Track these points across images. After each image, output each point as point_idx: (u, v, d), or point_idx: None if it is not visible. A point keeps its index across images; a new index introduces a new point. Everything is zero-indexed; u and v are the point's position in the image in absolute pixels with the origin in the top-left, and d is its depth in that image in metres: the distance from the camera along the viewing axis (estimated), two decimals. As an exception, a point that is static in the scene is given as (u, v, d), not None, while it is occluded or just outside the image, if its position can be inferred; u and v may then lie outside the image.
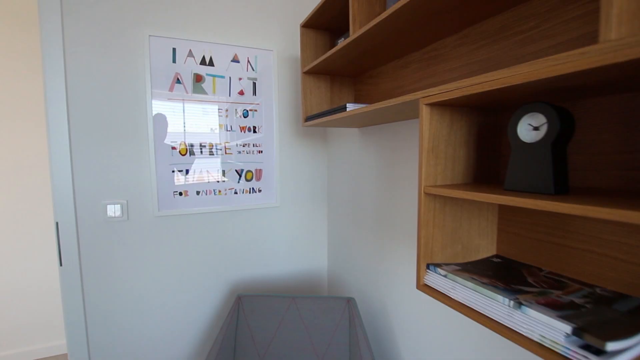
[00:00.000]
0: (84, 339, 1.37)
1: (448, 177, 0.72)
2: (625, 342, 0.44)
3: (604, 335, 0.44)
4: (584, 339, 0.45)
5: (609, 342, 0.43)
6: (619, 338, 0.44)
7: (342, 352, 1.30)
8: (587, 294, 0.59)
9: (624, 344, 0.43)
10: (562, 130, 0.51)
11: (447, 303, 0.65)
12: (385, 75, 1.19)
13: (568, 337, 0.46)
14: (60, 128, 1.29)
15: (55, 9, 1.26)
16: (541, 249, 0.71)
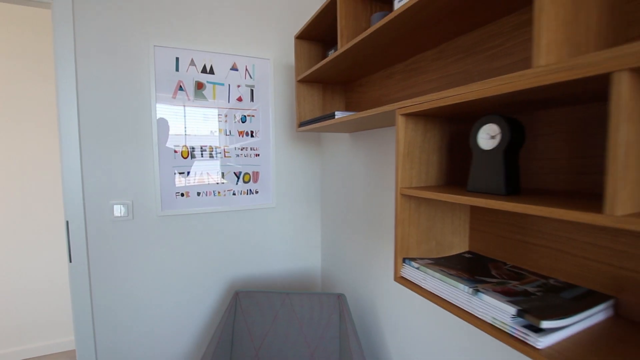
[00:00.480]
0: (91, 332, 1.44)
1: (422, 180, 0.80)
2: (559, 321, 0.51)
3: (542, 315, 0.52)
4: (525, 318, 0.52)
5: (543, 321, 0.50)
6: (554, 318, 0.51)
7: (332, 345, 1.37)
8: (541, 284, 0.66)
9: (557, 323, 0.51)
10: (512, 139, 0.59)
11: (419, 292, 0.72)
12: (373, 84, 1.27)
13: (514, 318, 0.54)
14: (71, 132, 1.37)
15: (67, 20, 1.35)
16: (506, 245, 0.78)
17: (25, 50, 2.15)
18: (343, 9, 1.01)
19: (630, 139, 0.39)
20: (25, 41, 2.15)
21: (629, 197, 0.40)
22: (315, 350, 1.37)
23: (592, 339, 0.52)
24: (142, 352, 1.53)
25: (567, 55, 0.49)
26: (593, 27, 0.52)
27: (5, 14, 2.12)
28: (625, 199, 0.39)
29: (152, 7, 1.45)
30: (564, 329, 0.52)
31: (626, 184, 0.39)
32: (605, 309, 0.59)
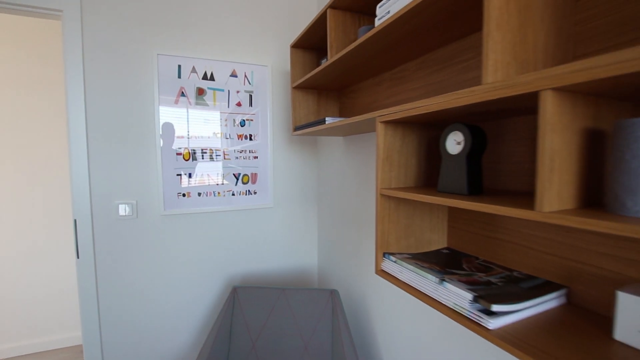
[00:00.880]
0: (97, 324, 1.53)
1: (401, 181, 0.87)
2: (508, 306, 0.58)
3: (494, 301, 0.59)
4: (480, 303, 0.59)
5: (494, 305, 0.57)
6: (505, 303, 0.58)
7: (325, 337, 1.44)
8: (505, 276, 0.73)
9: (507, 307, 0.58)
10: (474, 145, 0.66)
11: (396, 283, 0.80)
12: (364, 91, 1.34)
13: (471, 303, 0.61)
14: (79, 136, 1.46)
15: (76, 30, 1.43)
16: (479, 242, 0.85)
17: (38, 59, 2.25)
18: (332, 22, 1.09)
19: (554, 147, 0.46)
20: (38, 51, 2.25)
21: (556, 196, 0.47)
22: (309, 343, 1.44)
23: (541, 323, 0.59)
24: (145, 343, 1.61)
25: (515, 73, 0.56)
26: (540, 47, 0.59)
27: (18, 24, 2.22)
28: (552, 198, 0.46)
29: (155, 17, 1.54)
30: (515, 313, 0.59)
31: (552, 185, 0.46)
32: (558, 297, 0.66)
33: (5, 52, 2.22)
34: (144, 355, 1.61)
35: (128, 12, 1.50)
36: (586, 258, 0.63)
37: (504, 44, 0.54)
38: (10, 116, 2.27)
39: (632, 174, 0.42)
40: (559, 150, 0.46)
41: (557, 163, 0.46)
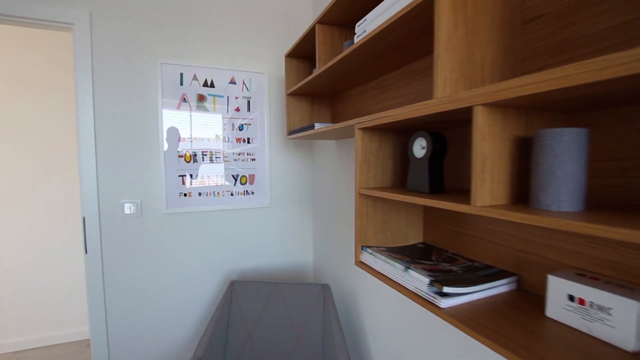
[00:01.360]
0: (103, 316, 1.63)
1: (378, 182, 0.96)
2: (458, 289, 0.67)
3: (446, 284, 0.68)
4: (434, 286, 0.69)
5: (445, 287, 0.66)
6: (455, 286, 0.67)
7: (316, 329, 1.53)
8: (467, 265, 0.82)
9: (457, 290, 0.67)
10: (435, 150, 0.76)
11: (371, 273, 0.89)
12: (353, 98, 1.44)
13: (428, 287, 0.70)
14: (88, 139, 1.57)
15: (86, 41, 1.55)
16: (449, 236, 0.94)
17: (52, 65, 2.38)
18: (320, 36, 1.19)
19: (485, 152, 0.55)
20: (52, 58, 2.38)
21: (488, 193, 0.56)
22: (301, 333, 1.54)
23: (489, 304, 0.68)
24: (149, 333, 1.71)
25: (463, 89, 0.65)
26: (488, 66, 0.68)
27: (35, 32, 2.35)
28: (484, 195, 0.56)
29: (159, 29, 1.65)
30: (465, 295, 0.69)
31: (484, 184, 0.56)
32: (508, 283, 0.75)
33: (23, 59, 2.35)
34: (148, 344, 1.71)
35: (133, 24, 1.61)
36: (534, 249, 0.72)
37: (452, 64, 0.64)
38: (23, 119, 2.40)
39: (542, 174, 0.51)
40: (490, 155, 0.56)
41: (489, 166, 0.56)
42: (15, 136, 2.39)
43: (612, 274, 0.58)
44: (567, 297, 0.58)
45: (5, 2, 1.42)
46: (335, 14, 1.14)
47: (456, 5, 0.63)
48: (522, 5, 0.71)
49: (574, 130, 0.49)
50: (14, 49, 2.35)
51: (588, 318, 0.55)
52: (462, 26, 0.64)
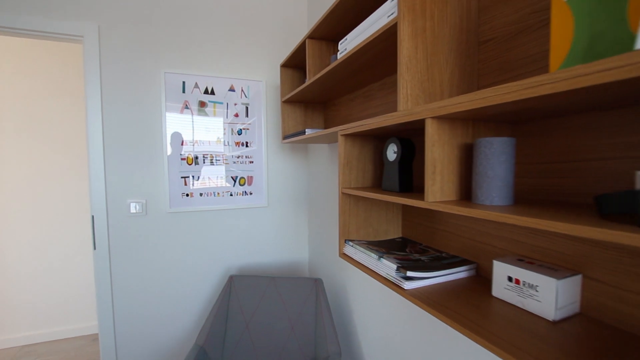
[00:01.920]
0: (110, 308, 1.75)
1: (360, 182, 1.08)
2: (420, 273, 0.78)
3: (410, 269, 0.79)
4: (400, 271, 0.80)
5: (408, 272, 0.78)
6: (418, 271, 0.79)
7: (310, 319, 1.65)
8: (435, 256, 0.93)
9: (418, 274, 0.78)
10: (404, 154, 0.87)
11: (352, 263, 1.00)
12: (343, 105, 1.56)
13: (396, 272, 0.81)
14: (96, 143, 1.69)
15: (95, 52, 1.67)
16: (423, 231, 1.06)
17: (62, 78, 2.51)
18: (310, 50, 1.31)
19: (435, 157, 0.66)
20: (63, 67, 2.51)
21: (438, 191, 0.67)
22: (295, 324, 1.65)
23: (449, 287, 0.79)
24: (153, 325, 1.83)
25: (423, 103, 0.77)
26: (446, 82, 0.80)
27: (46, 44, 2.49)
28: (435, 192, 0.67)
29: (162, 41, 1.77)
30: (426, 279, 0.80)
31: (435, 183, 0.67)
32: (468, 270, 0.86)
33: (38, 64, 2.49)
34: (153, 334, 1.83)
35: (139, 36, 1.73)
36: (488, 240, 0.83)
37: (413, 82, 0.75)
38: (37, 123, 2.54)
39: (479, 175, 0.62)
40: (439, 159, 0.67)
41: (438, 168, 0.67)
42: (30, 138, 2.52)
43: (545, 259, 0.69)
44: (507, 279, 0.69)
45: (22, 18, 1.54)
46: (323, 31, 1.26)
47: (416, 31, 0.75)
48: (477, 29, 0.83)
49: (501, 139, 0.60)
50: (31, 55, 2.48)
51: (522, 295, 0.66)
52: (421, 49, 0.76)
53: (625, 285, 0.57)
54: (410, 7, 0.74)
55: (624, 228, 0.40)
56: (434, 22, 0.77)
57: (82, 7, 1.63)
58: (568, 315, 0.62)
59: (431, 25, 0.76)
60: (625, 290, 0.57)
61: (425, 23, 0.76)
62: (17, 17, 1.53)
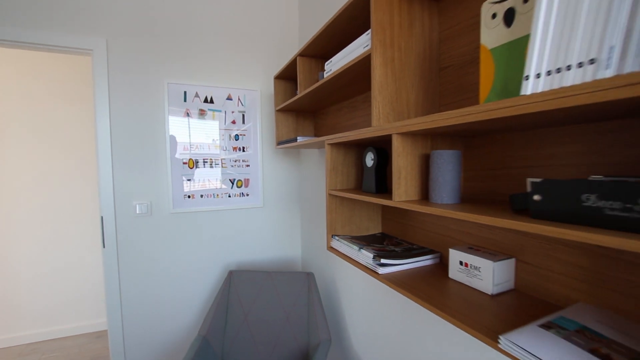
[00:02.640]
0: (118, 302, 1.88)
1: (344, 185, 1.24)
2: (391, 260, 0.94)
3: (384, 257, 0.95)
4: (376, 260, 0.96)
5: (382, 259, 0.94)
6: (390, 259, 0.95)
7: (302, 310, 1.80)
8: (407, 247, 1.10)
9: (390, 261, 0.94)
10: (379, 161, 1.03)
11: (338, 254, 1.16)
12: (331, 114, 1.72)
13: (373, 260, 0.97)
14: (105, 148, 1.83)
15: (103, 64, 1.81)
16: (399, 227, 1.22)
17: (71, 86, 2.64)
18: (301, 66, 1.46)
19: (400, 165, 0.82)
20: (72, 79, 2.64)
21: (403, 192, 0.83)
22: (290, 314, 1.80)
23: (416, 272, 0.96)
24: (159, 317, 1.97)
25: (393, 120, 0.93)
26: (412, 103, 0.96)
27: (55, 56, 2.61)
28: (401, 193, 0.83)
29: (166, 53, 1.91)
30: (397, 265, 0.96)
31: (400, 186, 0.83)
32: (433, 258, 1.02)
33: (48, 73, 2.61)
34: (158, 326, 1.97)
35: (144, 49, 1.87)
36: (450, 233, 0.99)
37: (384, 102, 0.91)
38: (50, 129, 2.66)
39: (433, 179, 0.78)
40: (404, 167, 0.83)
41: (403, 174, 0.83)
42: (40, 142, 2.64)
43: (489, 246, 0.86)
44: (459, 263, 0.86)
45: (37, 33, 1.68)
46: (312, 50, 1.41)
47: (386, 61, 0.91)
48: (438, 58, 0.99)
49: (449, 151, 0.76)
50: (42, 63, 2.61)
51: (469, 275, 0.83)
52: (391, 75, 0.92)
53: (546, 265, 0.74)
54: (381, 41, 0.90)
55: (521, 219, 0.56)
56: (402, 52, 0.93)
57: (92, 23, 1.77)
58: (504, 290, 0.79)
59: (399, 55, 0.93)
60: (546, 270, 0.74)
61: (394, 53, 0.92)
62: (34, 33, 1.67)
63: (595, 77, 0.42)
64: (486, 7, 0.65)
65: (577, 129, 0.66)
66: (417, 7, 0.95)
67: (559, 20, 0.46)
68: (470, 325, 0.65)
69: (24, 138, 2.64)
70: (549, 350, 0.52)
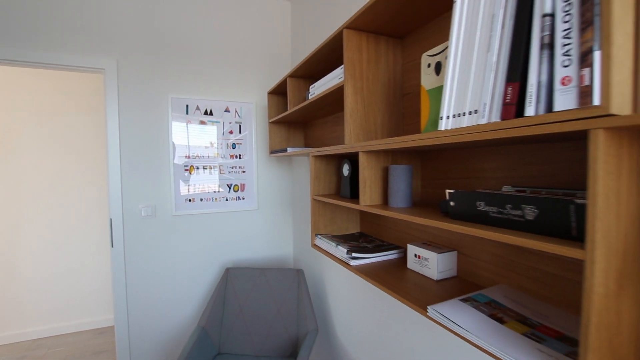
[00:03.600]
0: (124, 296, 2.06)
1: (326, 190, 1.43)
2: (362, 254, 1.14)
3: (354, 252, 1.14)
4: (349, 254, 1.15)
5: (354, 253, 1.13)
6: (360, 253, 1.14)
7: (292, 303, 1.99)
8: (378, 244, 1.29)
9: (360, 255, 1.14)
10: (353, 171, 1.23)
11: (320, 251, 1.35)
12: (318, 127, 1.91)
13: (347, 254, 1.16)
14: (114, 157, 2.01)
15: (114, 81, 2.00)
16: (374, 227, 1.41)
17: (86, 100, 2.83)
18: (290, 86, 1.66)
19: (366, 176, 1.02)
20: (87, 95, 2.83)
21: (368, 198, 1.03)
22: (281, 307, 1.99)
23: (382, 264, 1.15)
24: (161, 311, 2.14)
25: (363, 140, 1.13)
26: (379, 124, 1.16)
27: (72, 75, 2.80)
28: (366, 199, 1.03)
29: (170, 71, 2.11)
30: (367, 259, 1.15)
31: (366, 192, 1.03)
32: (398, 253, 1.22)
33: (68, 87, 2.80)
34: (161, 318, 2.15)
35: (149, 68, 2.07)
36: (411, 232, 1.19)
37: (355, 125, 1.11)
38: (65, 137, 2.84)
39: (390, 188, 0.98)
40: (368, 177, 1.03)
41: (368, 183, 1.03)
42: (53, 151, 2.82)
43: (439, 242, 1.05)
44: (414, 256, 1.05)
45: (55, 54, 1.87)
46: (301, 72, 1.61)
47: (356, 90, 1.11)
48: (401, 85, 1.19)
49: (402, 166, 0.96)
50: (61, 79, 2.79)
51: (421, 265, 1.02)
52: (360, 102, 1.12)
53: (477, 256, 0.94)
54: (352, 74, 1.10)
55: (443, 219, 0.76)
56: (369, 83, 1.13)
57: (104, 46, 1.96)
58: (448, 277, 0.99)
59: (367, 85, 1.13)
60: (477, 259, 0.94)
61: (363, 84, 1.12)
62: (55, 55, 1.86)
63: (477, 122, 0.62)
64: (424, 58, 0.86)
65: (494, 150, 0.87)
66: (383, 45, 1.15)
67: (458, 81, 0.66)
68: (411, 301, 0.85)
69: (40, 144, 2.82)
70: (459, 315, 0.71)
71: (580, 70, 0.46)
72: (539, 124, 0.51)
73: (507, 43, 0.57)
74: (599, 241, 0.45)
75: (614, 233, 0.47)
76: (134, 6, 2.02)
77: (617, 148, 0.47)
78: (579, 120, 0.46)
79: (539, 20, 0.51)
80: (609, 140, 0.45)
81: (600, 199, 0.45)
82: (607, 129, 0.44)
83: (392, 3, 0.93)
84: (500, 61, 0.58)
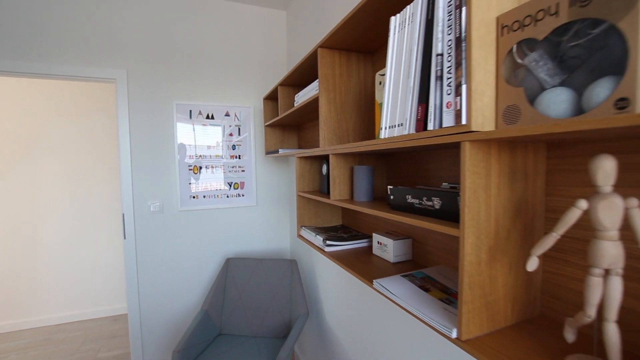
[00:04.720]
0: (136, 285, 2.29)
1: (310, 187, 1.62)
2: (335, 242, 1.32)
3: (329, 240, 1.33)
4: (324, 242, 1.33)
5: (327, 241, 1.31)
6: (334, 241, 1.32)
7: (286, 291, 2.18)
8: (353, 234, 1.47)
9: (334, 242, 1.32)
10: (328, 170, 1.41)
11: (304, 240, 1.54)
12: (309, 129, 2.10)
13: (323, 242, 1.35)
14: (125, 158, 2.23)
15: (124, 89, 2.21)
16: (354, 219, 1.59)
17: (100, 105, 3.07)
18: (281, 93, 1.85)
19: (335, 174, 1.20)
20: (104, 102, 3.07)
21: (337, 193, 1.21)
22: (276, 294, 2.19)
23: (353, 251, 1.33)
24: (168, 298, 2.37)
25: (336, 144, 1.30)
26: (351, 131, 1.33)
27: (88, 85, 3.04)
28: (335, 194, 1.21)
29: (174, 79, 2.32)
30: (339, 246, 1.33)
31: (335, 189, 1.21)
32: (367, 241, 1.39)
33: (83, 93, 3.05)
34: (168, 305, 2.37)
35: (156, 77, 2.28)
36: (379, 223, 1.37)
37: (329, 131, 1.29)
38: (80, 138, 3.09)
39: (355, 185, 1.16)
40: (337, 176, 1.21)
41: (337, 181, 1.21)
42: (75, 150, 3.08)
43: (399, 231, 1.23)
44: (377, 243, 1.23)
45: (71, 67, 2.09)
46: (289, 81, 1.80)
47: (329, 100, 1.29)
48: (372, 95, 1.36)
49: (363, 167, 1.14)
50: (77, 86, 3.04)
51: (382, 250, 1.20)
52: (334, 110, 1.30)
53: (426, 242, 1.11)
54: (326, 88, 1.28)
55: (385, 210, 0.93)
56: (342, 94, 1.31)
57: (115, 58, 2.18)
58: (403, 260, 1.16)
59: (340, 97, 1.30)
60: (426, 245, 1.11)
61: (336, 95, 1.30)
62: (71, 67, 2.08)
63: (402, 133, 0.79)
64: (377, 76, 1.03)
65: (436, 154, 1.04)
66: (354, 60, 1.33)
67: (392, 99, 0.84)
68: (364, 276, 1.03)
69: (61, 146, 3.08)
70: (395, 286, 0.89)
71: (455, 97, 0.63)
72: (434, 136, 0.69)
73: (419, 73, 0.74)
74: (467, 223, 0.63)
75: (483, 217, 0.65)
76: (141, 22, 2.23)
77: (485, 154, 0.64)
78: (454, 135, 0.64)
79: (435, 58, 0.69)
80: (474, 149, 0.62)
81: (468, 192, 0.62)
82: (471, 141, 0.62)
83: (358, 26, 1.11)
84: (415, 86, 0.75)
